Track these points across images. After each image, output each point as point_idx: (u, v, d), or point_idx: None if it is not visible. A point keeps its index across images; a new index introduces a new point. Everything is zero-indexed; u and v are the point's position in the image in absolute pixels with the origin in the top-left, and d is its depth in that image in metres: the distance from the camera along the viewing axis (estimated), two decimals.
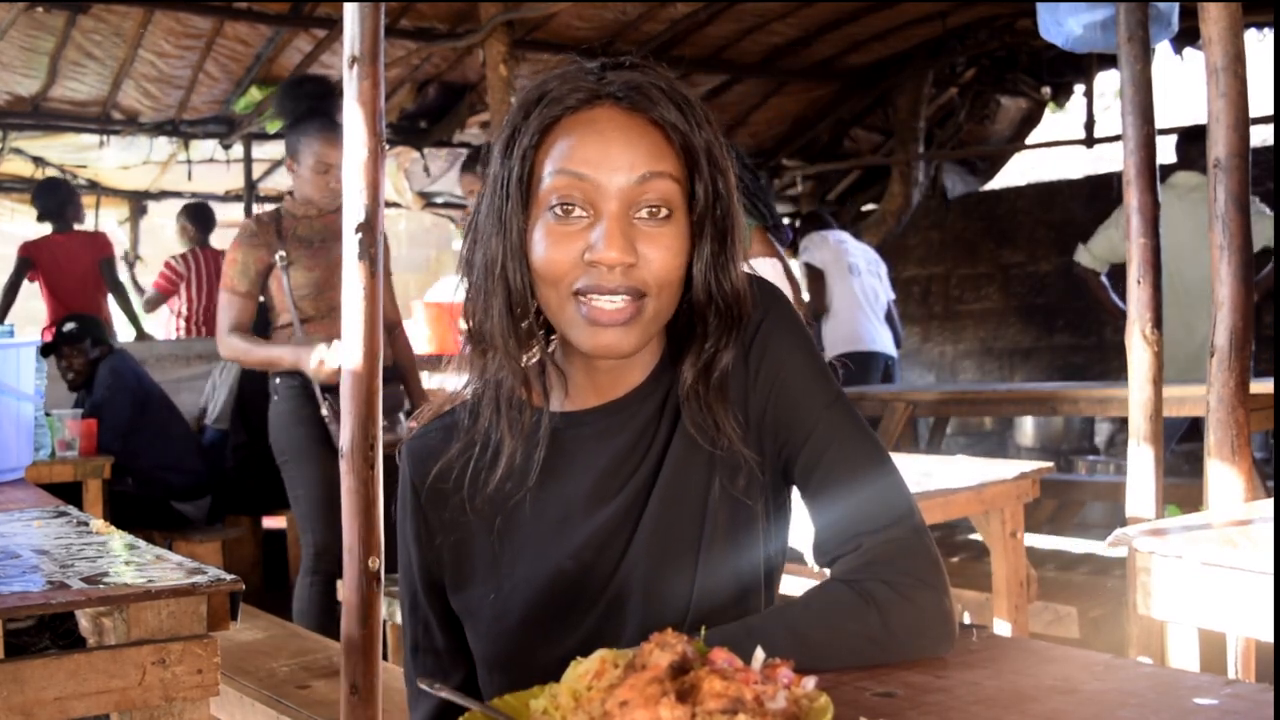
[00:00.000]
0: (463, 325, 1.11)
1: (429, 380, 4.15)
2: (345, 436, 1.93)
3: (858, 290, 5.50)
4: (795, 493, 1.12)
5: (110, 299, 5.82)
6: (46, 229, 5.75)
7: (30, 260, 5.63)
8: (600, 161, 1.00)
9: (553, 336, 1.10)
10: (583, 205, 1.00)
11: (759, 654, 0.77)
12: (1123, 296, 3.41)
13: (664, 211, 1.01)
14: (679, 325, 1.09)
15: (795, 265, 5.60)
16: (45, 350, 4.69)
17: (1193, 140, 4.32)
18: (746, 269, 1.08)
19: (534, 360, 1.09)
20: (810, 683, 0.74)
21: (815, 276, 5.54)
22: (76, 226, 5.82)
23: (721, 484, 1.06)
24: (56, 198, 5.76)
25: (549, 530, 1.08)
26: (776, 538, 1.11)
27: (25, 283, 5.63)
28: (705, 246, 1.05)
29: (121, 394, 4.44)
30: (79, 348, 4.54)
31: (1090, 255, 4.60)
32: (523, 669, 1.04)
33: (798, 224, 6.42)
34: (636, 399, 1.10)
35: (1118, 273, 3.94)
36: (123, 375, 4.50)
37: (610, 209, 1.00)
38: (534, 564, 1.08)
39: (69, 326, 4.66)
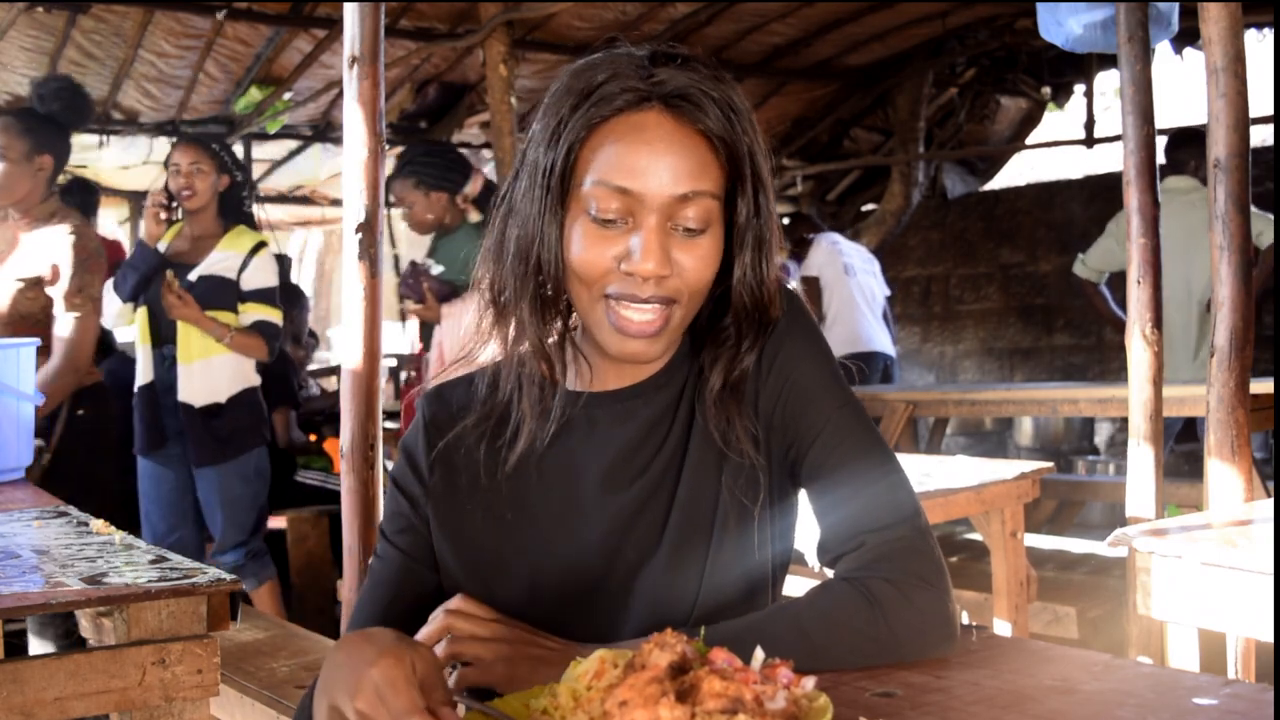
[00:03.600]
0: (485, 296, 1.10)
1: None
2: (345, 436, 1.93)
3: (855, 291, 5.50)
4: (801, 495, 1.12)
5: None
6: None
7: None
8: (645, 174, 0.99)
9: (575, 315, 1.10)
10: (622, 214, 1.01)
11: (759, 654, 0.77)
12: (1122, 302, 3.45)
13: (701, 224, 1.02)
14: (700, 317, 1.10)
15: (794, 270, 5.60)
16: None
17: (1180, 145, 4.29)
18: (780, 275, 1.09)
19: (555, 339, 1.09)
20: (810, 683, 0.74)
21: (810, 284, 5.55)
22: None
23: (728, 483, 1.06)
24: (89, 198, 5.87)
25: (558, 508, 1.09)
26: (781, 539, 1.11)
27: None
28: (745, 255, 1.06)
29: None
30: None
31: (1086, 266, 4.60)
32: None
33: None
34: (654, 386, 1.11)
35: (1118, 281, 3.94)
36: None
37: (650, 221, 1.00)
38: (543, 547, 1.08)
39: None
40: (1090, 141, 6.72)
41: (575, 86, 1.03)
